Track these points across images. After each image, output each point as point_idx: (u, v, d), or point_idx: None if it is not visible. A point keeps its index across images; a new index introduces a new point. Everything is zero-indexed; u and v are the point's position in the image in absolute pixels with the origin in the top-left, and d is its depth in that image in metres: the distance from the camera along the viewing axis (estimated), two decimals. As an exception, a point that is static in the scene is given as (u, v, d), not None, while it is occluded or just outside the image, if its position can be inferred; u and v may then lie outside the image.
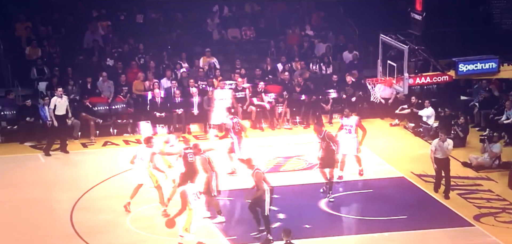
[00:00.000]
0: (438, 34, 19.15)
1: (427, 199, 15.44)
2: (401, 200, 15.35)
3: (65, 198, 15.46)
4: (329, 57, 22.53)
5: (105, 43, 22.26)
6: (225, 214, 14.40)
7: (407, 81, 15.66)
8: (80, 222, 14.37)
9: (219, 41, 23.15)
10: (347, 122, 16.34)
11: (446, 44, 19.03)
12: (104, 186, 16.15)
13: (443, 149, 15.46)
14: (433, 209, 15.00)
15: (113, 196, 15.52)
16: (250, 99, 20.66)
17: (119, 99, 20.38)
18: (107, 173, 16.73)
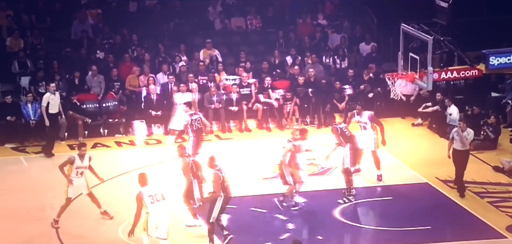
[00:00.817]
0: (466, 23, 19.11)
1: (454, 208, 15.39)
2: (424, 208, 15.31)
3: (50, 205, 15.47)
4: (344, 50, 22.52)
5: (95, 33, 22.32)
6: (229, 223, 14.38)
7: (431, 76, 15.64)
8: (66, 232, 14.40)
9: (222, 32, 23.18)
10: (360, 119, 16.57)
11: (476, 34, 19.01)
12: (94, 191, 16.15)
13: (462, 139, 15.51)
14: (461, 218, 14.95)
15: (103, 203, 15.52)
16: (256, 96, 20.67)
17: (110, 96, 20.42)
18: (96, 178, 16.72)
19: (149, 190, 12.97)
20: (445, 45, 15.86)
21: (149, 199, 12.89)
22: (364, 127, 16.47)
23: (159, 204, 12.92)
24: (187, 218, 14.43)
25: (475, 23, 20.03)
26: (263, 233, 14.18)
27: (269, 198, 15.67)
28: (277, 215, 14.93)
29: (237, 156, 18.41)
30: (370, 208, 15.31)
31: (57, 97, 18.36)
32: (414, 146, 18.90)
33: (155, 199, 12.90)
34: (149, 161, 17.96)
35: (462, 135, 15.54)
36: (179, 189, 14.35)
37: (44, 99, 18.28)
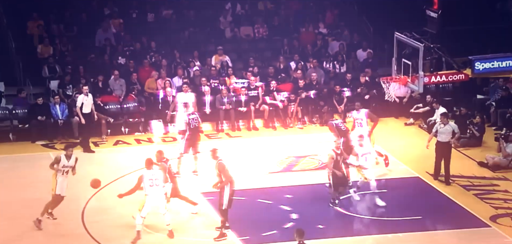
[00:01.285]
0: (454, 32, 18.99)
1: (443, 200, 15.34)
2: (416, 200, 15.27)
3: (76, 197, 15.50)
4: (343, 56, 22.45)
5: (117, 41, 22.32)
6: (238, 213, 14.38)
7: (422, 80, 15.56)
8: (91, 222, 14.42)
9: (232, 39, 23.15)
10: (357, 115, 16.62)
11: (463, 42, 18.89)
12: (116, 185, 16.18)
13: (445, 132, 15.78)
14: (449, 209, 14.90)
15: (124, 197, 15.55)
16: (262, 98, 20.65)
17: (131, 98, 20.43)
18: (118, 172, 16.76)
19: (151, 174, 13.02)
20: (435, 52, 15.79)
21: (148, 182, 12.97)
22: (360, 124, 16.50)
23: (157, 188, 12.98)
24: (189, 208, 14.28)
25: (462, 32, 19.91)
26: (269, 222, 14.17)
27: (274, 190, 15.65)
28: (282, 206, 14.91)
29: (245, 152, 18.40)
30: (366, 200, 15.25)
31: (90, 98, 18.37)
32: (407, 144, 18.85)
33: (154, 183, 12.97)
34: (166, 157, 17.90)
35: (443, 129, 15.83)
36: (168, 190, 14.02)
37: (78, 100, 18.30)
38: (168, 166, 14.10)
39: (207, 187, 15.80)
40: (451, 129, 16.17)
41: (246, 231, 13.87)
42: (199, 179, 16.35)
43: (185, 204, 14.41)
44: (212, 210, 14.77)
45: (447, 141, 16.08)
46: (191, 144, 16.55)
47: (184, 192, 14.44)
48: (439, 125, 16.20)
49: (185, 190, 14.92)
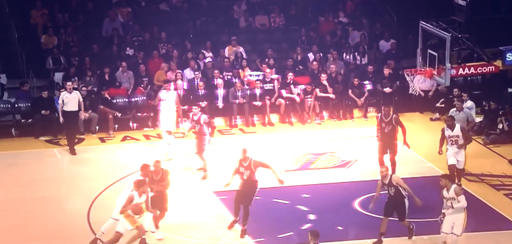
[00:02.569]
0: (484, 21, 18.74)
1: (471, 200, 15.14)
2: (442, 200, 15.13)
3: (82, 195, 15.55)
4: (364, 47, 22.33)
5: (125, 31, 22.36)
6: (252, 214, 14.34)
7: (449, 72, 15.45)
8: (97, 222, 14.44)
9: (246, 29, 23.11)
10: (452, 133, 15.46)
11: (493, 32, 18.64)
12: (124, 183, 16.21)
13: (460, 119, 15.98)
14: (477, 210, 14.75)
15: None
16: (278, 92, 20.59)
17: (140, 91, 20.46)
18: (126, 170, 16.79)
19: (140, 200, 13.01)
20: (463, 42, 15.66)
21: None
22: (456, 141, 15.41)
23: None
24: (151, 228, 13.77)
25: (492, 20, 19.65)
26: (285, 223, 14.12)
27: (291, 189, 15.60)
28: (299, 206, 14.86)
29: (260, 149, 18.35)
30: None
31: (73, 95, 17.92)
32: (432, 140, 18.67)
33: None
34: (176, 154, 17.95)
35: (458, 115, 16.11)
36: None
37: (60, 98, 17.98)
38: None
39: (220, 186, 15.83)
40: (466, 116, 16.17)
41: (261, 232, 13.84)
42: (212, 177, 16.33)
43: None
44: (225, 210, 14.74)
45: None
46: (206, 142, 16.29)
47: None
48: (454, 111, 16.21)
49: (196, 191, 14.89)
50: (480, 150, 17.99)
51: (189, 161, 17.38)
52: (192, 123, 16.41)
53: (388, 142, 15.80)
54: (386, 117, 15.87)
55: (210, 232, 13.97)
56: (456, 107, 16.54)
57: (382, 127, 15.82)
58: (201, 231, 13.93)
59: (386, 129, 15.77)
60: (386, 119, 15.85)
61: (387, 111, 15.95)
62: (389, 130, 15.75)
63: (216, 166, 17.05)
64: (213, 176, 16.27)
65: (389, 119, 15.83)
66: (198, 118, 16.22)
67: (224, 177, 16.28)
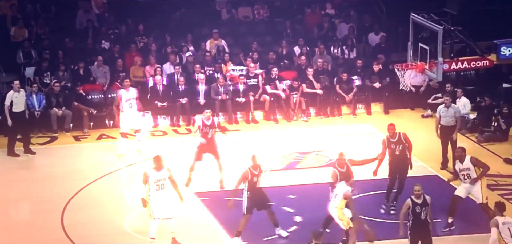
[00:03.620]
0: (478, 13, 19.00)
1: (463, 200, 15.31)
2: (433, 201, 15.23)
3: (55, 197, 15.50)
4: (353, 40, 22.43)
5: (100, 23, 22.28)
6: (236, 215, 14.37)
7: (441, 67, 15.57)
8: (72, 225, 14.42)
9: (229, 21, 23.12)
10: (462, 166, 14.36)
11: (487, 24, 18.89)
12: (99, 184, 16.18)
13: (449, 115, 15.97)
14: (470, 211, 14.86)
15: (109, 195, 15.55)
16: (263, 87, 20.63)
17: (116, 86, 20.40)
18: (102, 170, 16.76)
19: (159, 175, 13.07)
20: (456, 35, 15.77)
21: (155, 185, 13.00)
22: (467, 176, 14.26)
23: (163, 192, 13.02)
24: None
25: (486, 12, 19.90)
26: (270, 226, 14.16)
27: (276, 190, 15.65)
28: (285, 207, 14.91)
29: (244, 148, 18.39)
30: (378, 201, 15.25)
31: (22, 95, 17.81)
32: (424, 138, 18.83)
33: (160, 187, 13.01)
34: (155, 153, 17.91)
35: (446, 112, 16.09)
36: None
37: (7, 98, 17.76)
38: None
39: (202, 187, 15.84)
40: (454, 112, 16.31)
41: (245, 235, 13.89)
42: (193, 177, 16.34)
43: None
44: (207, 212, 14.77)
45: (453, 125, 16.28)
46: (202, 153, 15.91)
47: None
48: (442, 107, 16.34)
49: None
50: (474, 148, 18.12)
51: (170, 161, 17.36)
52: (206, 130, 15.73)
53: (402, 163, 14.72)
54: (393, 138, 14.80)
55: (194, 235, 13.99)
56: (444, 103, 16.61)
57: (392, 149, 14.73)
58: (184, 234, 13.95)
59: (397, 150, 14.71)
60: (394, 139, 14.80)
61: (392, 130, 14.83)
62: (400, 150, 14.75)
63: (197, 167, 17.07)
64: (194, 176, 16.28)
65: (398, 139, 14.82)
66: (212, 123, 15.87)
67: (205, 177, 16.37)
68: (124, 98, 17.58)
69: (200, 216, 14.80)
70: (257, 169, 13.85)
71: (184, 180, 15.68)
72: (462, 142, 17.54)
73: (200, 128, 15.80)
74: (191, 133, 19.60)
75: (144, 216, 13.79)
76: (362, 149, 18.14)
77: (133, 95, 17.70)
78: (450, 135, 15.94)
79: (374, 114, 20.92)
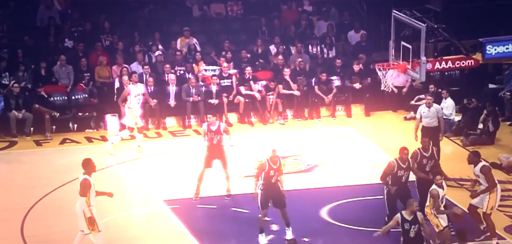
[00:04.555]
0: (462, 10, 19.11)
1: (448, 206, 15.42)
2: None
3: (14, 206, 15.37)
4: (332, 38, 22.52)
5: (63, 20, 22.16)
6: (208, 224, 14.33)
7: (425, 67, 15.65)
8: (32, 235, 14.30)
9: (201, 19, 23.10)
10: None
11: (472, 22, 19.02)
12: (62, 191, 16.07)
13: (431, 115, 16.19)
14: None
15: (73, 204, 15.43)
16: (237, 88, 20.63)
17: (80, 87, 20.32)
18: (65, 176, 16.65)
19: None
20: (439, 33, 15.88)
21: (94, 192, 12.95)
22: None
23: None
24: None
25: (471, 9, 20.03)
26: (245, 235, 14.16)
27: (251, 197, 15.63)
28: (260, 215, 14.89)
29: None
30: (359, 208, 15.32)
31: None
32: (406, 141, 18.88)
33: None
34: (123, 158, 17.88)
35: (428, 112, 16.27)
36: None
37: None
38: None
39: (171, 194, 15.80)
40: (436, 112, 16.54)
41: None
42: (162, 184, 16.30)
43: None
44: (177, 220, 14.74)
45: (435, 126, 16.41)
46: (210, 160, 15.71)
47: None
48: (423, 108, 16.54)
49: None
50: (459, 152, 18.29)
51: (138, 166, 17.31)
52: (210, 135, 15.49)
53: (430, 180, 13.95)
54: (426, 152, 14.42)
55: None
56: (426, 103, 16.72)
57: (423, 164, 14.33)
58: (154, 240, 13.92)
59: (428, 165, 14.36)
60: (427, 153, 14.43)
61: (426, 144, 14.50)
62: (431, 165, 14.39)
63: (167, 172, 17.03)
64: (163, 182, 16.23)
65: (431, 153, 14.47)
66: (217, 128, 15.63)
67: (176, 184, 16.33)
68: (133, 94, 17.83)
69: (170, 225, 14.74)
70: (277, 163, 13.82)
71: (192, 191, 15.55)
72: (446, 145, 17.73)
73: (205, 134, 15.59)
74: (161, 136, 19.63)
75: (113, 223, 13.72)
76: (342, 153, 18.25)
77: (141, 90, 17.96)
78: (432, 136, 16.05)
79: (354, 116, 21.02)
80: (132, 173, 17.09)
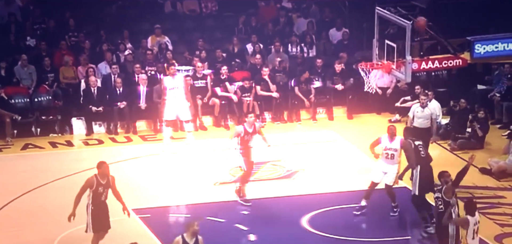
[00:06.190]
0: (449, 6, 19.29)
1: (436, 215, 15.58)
2: (403, 216, 15.50)
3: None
4: (312, 36, 22.66)
5: (25, 17, 22.10)
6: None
7: (410, 66, 15.81)
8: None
9: (173, 16, 23.13)
10: (391, 144, 15.04)
11: (460, 19, 19.21)
12: (24, 200, 16.03)
13: (424, 116, 16.43)
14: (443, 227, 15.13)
15: (36, 213, 15.42)
16: (212, 90, 20.70)
17: (44, 89, 20.28)
18: (28, 184, 16.60)
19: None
20: (426, 31, 16.05)
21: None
22: (392, 155, 15.03)
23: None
24: None
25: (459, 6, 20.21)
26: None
27: (227, 205, 15.71)
28: (237, 225, 14.98)
29: (191, 158, 18.41)
30: (342, 216, 15.43)
31: None
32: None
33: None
34: (89, 164, 17.83)
35: (422, 112, 16.50)
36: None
37: None
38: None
39: (141, 203, 15.80)
40: (430, 113, 16.73)
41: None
42: (132, 192, 16.30)
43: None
44: (146, 231, 14.75)
45: (427, 127, 16.63)
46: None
47: None
48: (417, 107, 16.69)
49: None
50: (446, 157, 18.45)
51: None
52: (247, 138, 15.34)
53: None
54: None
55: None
56: (420, 102, 16.92)
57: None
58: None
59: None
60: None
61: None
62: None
63: (137, 179, 17.05)
64: (133, 190, 16.25)
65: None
66: (254, 129, 15.39)
67: (146, 192, 16.34)
68: (169, 86, 18.06)
69: (140, 236, 14.74)
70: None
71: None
72: (433, 149, 17.85)
73: (240, 136, 15.37)
74: (131, 141, 19.63)
75: (79, 234, 13.72)
76: (324, 158, 18.37)
77: (179, 83, 18.21)
78: (423, 137, 16.24)
79: (336, 119, 21.15)
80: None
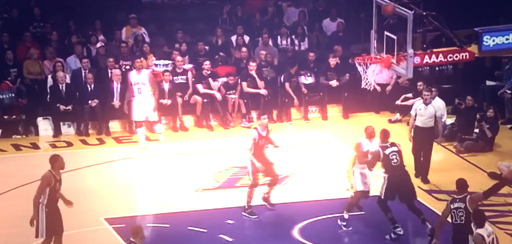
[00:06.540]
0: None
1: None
2: (404, 225, 15.54)
3: None
4: (304, 28, 22.69)
5: (-15, 6, 22.09)
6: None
7: (412, 61, 15.85)
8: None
9: (150, 5, 23.13)
10: (370, 146, 15.38)
11: (467, 8, 19.31)
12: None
13: (427, 114, 16.49)
14: (448, 237, 15.19)
15: (2, 220, 15.40)
16: (194, 86, 20.69)
17: (6, 86, 20.23)
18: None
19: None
20: (429, 22, 16.09)
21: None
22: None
23: None
24: None
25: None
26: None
27: (210, 214, 15.71)
28: (221, 235, 14.99)
29: (170, 162, 18.40)
30: (337, 226, 15.45)
31: None
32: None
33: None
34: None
35: (426, 110, 16.64)
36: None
37: None
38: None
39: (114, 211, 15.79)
40: (434, 111, 16.82)
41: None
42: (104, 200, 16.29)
43: None
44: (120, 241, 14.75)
45: (431, 127, 16.75)
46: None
47: None
48: (420, 104, 16.87)
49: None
50: (452, 160, 18.52)
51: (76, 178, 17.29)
52: (262, 142, 15.36)
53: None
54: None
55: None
56: (424, 99, 16.97)
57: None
58: None
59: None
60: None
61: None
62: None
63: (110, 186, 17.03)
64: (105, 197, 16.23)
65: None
66: (267, 133, 15.48)
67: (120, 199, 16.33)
68: (133, 82, 18.27)
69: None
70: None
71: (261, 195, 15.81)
72: (437, 151, 17.93)
73: (255, 141, 15.36)
74: (104, 143, 19.60)
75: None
76: (317, 162, 18.39)
77: (144, 78, 18.24)
78: (425, 137, 16.26)
79: (330, 119, 21.20)
80: (68, 186, 17.00)
